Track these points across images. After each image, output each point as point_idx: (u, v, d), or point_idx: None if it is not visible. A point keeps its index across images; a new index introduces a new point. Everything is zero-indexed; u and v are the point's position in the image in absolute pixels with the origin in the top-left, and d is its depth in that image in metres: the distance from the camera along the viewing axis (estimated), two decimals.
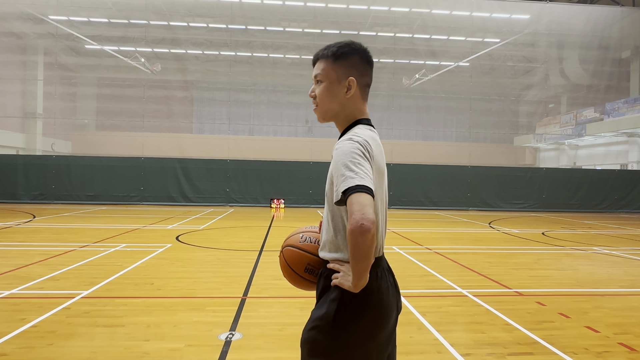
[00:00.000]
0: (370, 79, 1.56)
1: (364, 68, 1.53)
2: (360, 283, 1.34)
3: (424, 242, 8.71)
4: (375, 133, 1.53)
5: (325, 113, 1.55)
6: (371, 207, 1.25)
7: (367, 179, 1.30)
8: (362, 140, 1.40)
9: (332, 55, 1.50)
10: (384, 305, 1.43)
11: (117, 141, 20.68)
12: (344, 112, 1.53)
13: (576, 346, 3.38)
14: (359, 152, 1.36)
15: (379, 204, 1.46)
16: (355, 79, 1.50)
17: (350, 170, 1.31)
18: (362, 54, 1.52)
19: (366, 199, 1.26)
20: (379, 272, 1.45)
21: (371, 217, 1.23)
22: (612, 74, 21.73)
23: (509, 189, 18.46)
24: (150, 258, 6.49)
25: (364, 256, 1.27)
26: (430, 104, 24.33)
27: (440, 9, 19.34)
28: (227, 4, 18.79)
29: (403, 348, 3.28)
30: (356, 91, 1.51)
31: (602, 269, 6.53)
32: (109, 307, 4.09)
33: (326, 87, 1.51)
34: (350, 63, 1.50)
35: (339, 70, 1.50)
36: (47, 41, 20.09)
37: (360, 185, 1.27)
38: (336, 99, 1.51)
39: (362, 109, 1.55)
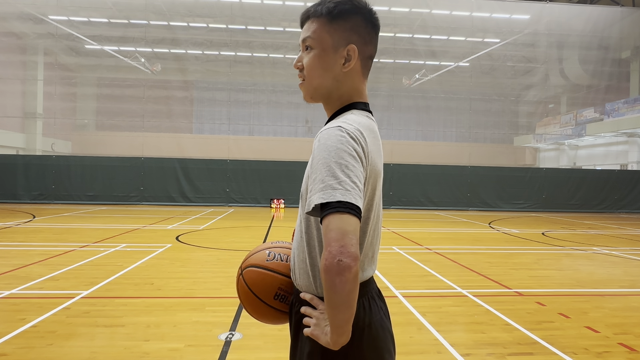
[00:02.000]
0: (375, 49, 1.20)
1: (367, 34, 1.16)
2: (340, 339, 0.98)
3: (423, 242, 8.71)
4: (373, 122, 1.17)
5: (314, 90, 1.16)
6: (355, 235, 0.91)
7: (355, 192, 0.94)
8: (355, 131, 1.02)
9: (328, 12, 1.11)
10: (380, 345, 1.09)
11: (117, 141, 20.68)
12: (338, 91, 1.16)
13: (576, 346, 3.38)
14: (349, 148, 0.99)
15: (372, 217, 1.11)
16: (357, 47, 1.13)
17: (334, 176, 0.95)
18: (368, 15, 1.16)
19: (349, 224, 0.91)
20: (366, 301, 1.11)
21: (353, 250, 0.90)
22: (612, 74, 21.73)
23: (509, 189, 18.46)
24: (150, 258, 6.49)
25: (343, 303, 0.92)
26: (430, 104, 24.33)
27: (440, 9, 19.34)
28: (227, 4, 18.79)
29: (403, 348, 3.28)
30: (357, 64, 1.15)
31: (602, 269, 6.53)
32: (108, 307, 4.09)
33: (318, 56, 1.13)
34: (351, 25, 1.13)
35: (336, 34, 1.12)
36: (47, 41, 20.09)
37: (344, 203, 0.92)
38: (330, 72, 1.13)
39: (360, 88, 1.17)
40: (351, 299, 0.93)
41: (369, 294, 1.13)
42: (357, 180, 0.97)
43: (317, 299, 1.09)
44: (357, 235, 0.92)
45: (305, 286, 1.13)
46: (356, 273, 0.91)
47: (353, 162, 0.97)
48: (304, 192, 1.09)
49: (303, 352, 1.12)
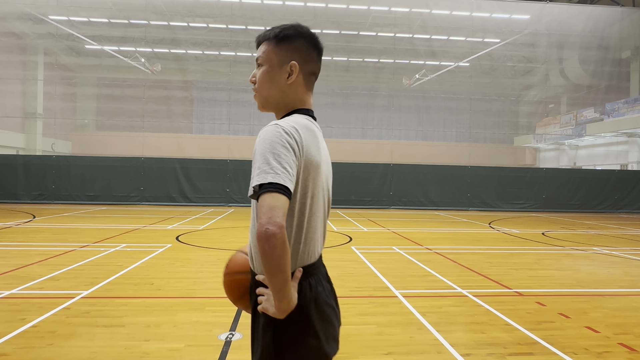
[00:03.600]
0: (317, 68, 1.42)
1: (309, 54, 1.37)
2: (283, 305, 1.15)
3: (424, 242, 8.71)
4: (312, 123, 1.36)
5: (264, 100, 1.39)
6: (282, 210, 1.09)
7: (285, 175, 1.13)
8: (289, 126, 1.22)
9: (275, 37, 1.35)
10: (326, 319, 1.27)
11: (117, 141, 20.69)
12: (284, 101, 1.38)
13: (576, 346, 3.38)
14: (282, 140, 1.18)
15: (310, 203, 1.27)
16: (298, 64, 1.35)
17: (267, 163, 1.14)
18: (309, 39, 1.37)
19: (277, 200, 1.09)
20: (313, 280, 1.28)
21: (279, 220, 1.07)
22: (612, 74, 21.73)
23: (509, 189, 18.46)
24: (150, 258, 6.49)
25: (275, 268, 1.09)
26: (430, 104, 24.33)
27: (440, 9, 19.34)
28: (227, 4, 18.80)
29: (403, 348, 3.29)
30: (298, 77, 1.37)
31: (602, 269, 6.53)
32: (109, 307, 4.09)
33: (266, 72, 1.36)
34: (294, 47, 1.35)
35: (281, 54, 1.35)
36: (47, 41, 20.10)
37: (273, 184, 1.11)
38: (276, 84, 1.36)
39: (304, 98, 1.39)
40: (282, 264, 1.09)
41: (315, 275, 1.30)
42: (288, 166, 1.15)
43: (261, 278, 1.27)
44: (285, 210, 1.11)
45: (259, 266, 1.29)
46: (282, 240, 1.08)
47: (285, 152, 1.17)
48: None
49: (259, 326, 1.26)
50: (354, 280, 5.40)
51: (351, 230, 10.53)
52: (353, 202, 17.88)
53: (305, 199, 1.25)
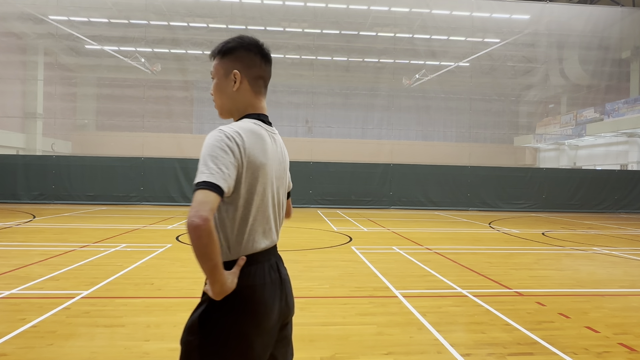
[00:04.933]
0: (263, 71, 1.53)
1: (250, 60, 1.50)
2: (215, 289, 1.28)
3: (424, 242, 8.71)
4: (260, 127, 1.47)
5: (220, 108, 1.54)
6: (208, 205, 1.22)
7: (218, 175, 1.27)
8: (231, 131, 1.35)
9: (219, 52, 1.51)
10: (259, 303, 1.37)
11: (117, 141, 20.69)
12: (235, 106, 1.52)
13: (576, 346, 3.38)
14: (221, 144, 1.32)
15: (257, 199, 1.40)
16: (240, 71, 1.48)
17: (206, 164, 1.29)
18: (248, 46, 1.50)
19: (206, 196, 1.23)
20: (255, 269, 1.40)
21: (203, 214, 1.19)
22: (612, 74, 21.73)
23: (509, 189, 18.45)
24: (150, 258, 6.49)
25: (202, 255, 1.22)
26: (430, 104, 24.33)
27: (440, 9, 19.35)
28: (227, 4, 18.80)
29: (403, 348, 3.29)
30: (244, 84, 1.50)
31: (602, 269, 6.53)
32: (109, 307, 4.09)
33: (216, 84, 1.52)
34: (235, 57, 1.49)
35: (225, 65, 1.50)
36: (47, 41, 20.10)
37: (205, 182, 1.25)
38: (225, 93, 1.51)
39: (253, 102, 1.52)
40: (208, 252, 1.22)
41: (259, 264, 1.42)
42: (224, 167, 1.29)
43: None
44: (212, 205, 1.23)
45: None
46: (207, 231, 1.19)
47: (222, 154, 1.30)
48: None
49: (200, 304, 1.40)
50: (354, 280, 5.40)
51: (351, 230, 10.53)
52: (353, 202, 17.88)
53: (249, 195, 1.39)
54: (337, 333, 3.55)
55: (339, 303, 4.44)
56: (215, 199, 1.24)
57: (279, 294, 1.46)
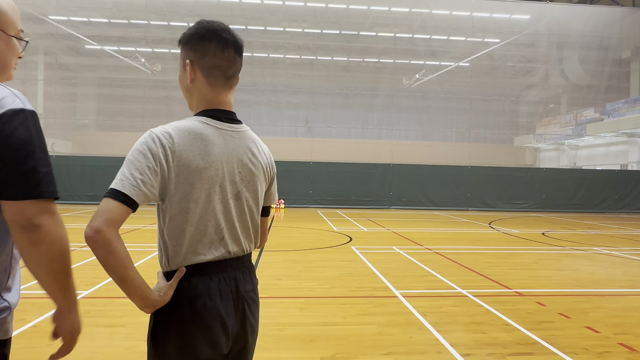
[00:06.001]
0: (219, 59, 1.32)
1: (203, 48, 1.31)
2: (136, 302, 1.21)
3: (424, 242, 8.71)
4: (205, 125, 1.29)
5: (188, 103, 1.41)
6: (104, 214, 1.11)
7: (127, 182, 1.15)
8: (161, 132, 1.23)
9: (179, 42, 1.37)
10: (199, 321, 1.24)
11: (117, 141, 20.62)
12: (192, 100, 1.37)
13: (576, 346, 3.38)
14: (143, 147, 1.20)
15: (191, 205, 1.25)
16: (193, 60, 1.32)
17: (121, 171, 1.19)
18: (202, 31, 1.31)
19: (106, 205, 1.13)
20: (197, 281, 1.26)
21: (95, 224, 1.09)
22: (612, 74, 21.74)
23: (509, 189, 18.45)
24: (150, 258, 6.49)
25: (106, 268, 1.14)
26: (430, 104, 24.33)
27: (440, 9, 19.35)
28: (227, 4, 18.81)
29: (403, 348, 3.29)
30: (198, 75, 1.32)
31: (602, 269, 6.53)
32: (109, 307, 4.10)
33: (179, 76, 1.40)
34: (189, 46, 1.33)
35: (182, 56, 1.36)
36: (48, 41, 20.09)
37: (110, 189, 1.15)
38: (184, 86, 1.38)
39: (209, 96, 1.34)
40: (109, 264, 1.13)
41: (203, 276, 1.27)
42: (137, 173, 1.17)
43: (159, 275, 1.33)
44: (110, 215, 1.12)
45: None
46: (100, 242, 1.10)
47: (140, 158, 1.18)
48: None
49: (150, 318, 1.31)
50: (354, 280, 5.40)
51: (351, 230, 10.53)
52: (353, 202, 17.88)
53: (184, 202, 1.25)
54: (337, 333, 3.55)
55: (339, 303, 4.44)
56: (117, 208, 1.13)
57: (232, 311, 1.30)
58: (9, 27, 1.15)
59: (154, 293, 1.22)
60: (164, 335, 1.25)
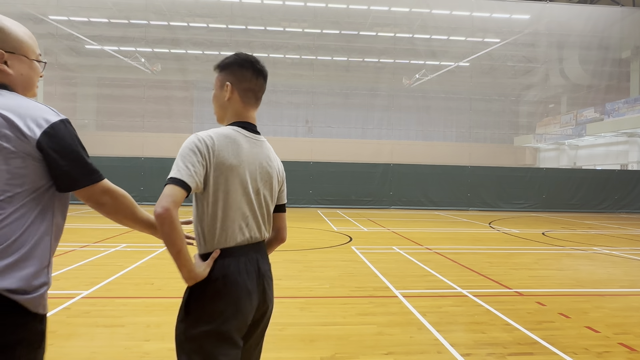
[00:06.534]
0: (253, 84, 1.68)
1: (242, 74, 1.67)
2: (183, 274, 1.45)
3: (424, 242, 8.71)
4: (237, 132, 1.62)
5: (216, 115, 1.74)
6: (171, 197, 1.38)
7: (184, 172, 1.43)
8: (205, 135, 1.53)
9: (218, 67, 1.71)
10: (234, 286, 1.50)
11: (117, 141, 20.68)
12: (225, 114, 1.70)
13: (576, 346, 3.38)
14: (191, 146, 1.49)
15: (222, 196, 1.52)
16: (232, 84, 1.66)
17: (176, 164, 1.46)
18: (241, 62, 1.67)
19: (170, 190, 1.39)
20: (229, 262, 1.52)
21: (165, 204, 1.36)
22: (612, 74, 21.72)
23: (509, 189, 18.45)
24: (151, 258, 6.49)
25: (166, 241, 1.39)
26: (430, 104, 24.33)
27: (440, 9, 19.34)
28: (227, 4, 18.80)
29: (403, 348, 3.29)
30: (234, 95, 1.67)
31: (603, 269, 6.53)
32: (109, 307, 4.10)
33: (214, 94, 1.73)
34: (229, 71, 1.68)
35: (221, 79, 1.69)
36: (47, 41, 20.08)
37: (171, 178, 1.42)
38: (219, 102, 1.71)
39: (241, 111, 1.69)
40: (171, 239, 1.38)
41: (233, 258, 1.54)
42: (190, 165, 1.45)
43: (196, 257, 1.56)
44: (175, 197, 1.39)
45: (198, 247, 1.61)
46: (168, 219, 1.36)
47: (190, 154, 1.47)
48: None
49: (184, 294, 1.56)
50: (354, 280, 5.40)
51: (351, 230, 10.53)
52: (353, 202, 17.88)
53: (218, 193, 1.52)
54: (337, 333, 3.55)
55: (339, 303, 4.44)
56: (179, 192, 1.40)
57: (256, 285, 1.57)
58: (29, 53, 1.45)
59: (198, 268, 1.47)
60: (198, 304, 1.49)
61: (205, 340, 1.46)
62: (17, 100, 1.30)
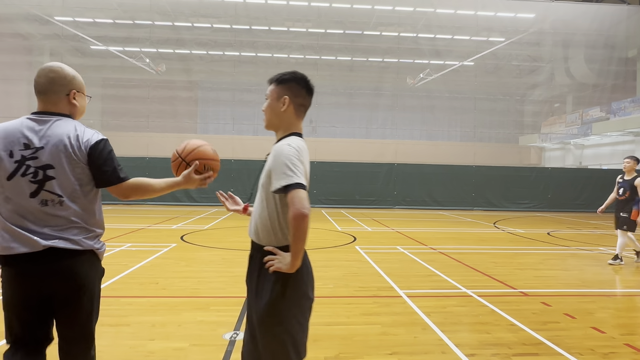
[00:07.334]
0: (306, 101, 1.99)
1: (298, 91, 1.96)
2: (297, 263, 1.73)
3: (428, 242, 8.69)
4: (305, 143, 1.93)
5: (268, 122, 2.00)
6: (307, 200, 1.70)
7: (303, 178, 1.73)
8: (297, 148, 1.82)
9: (276, 80, 1.98)
10: (309, 274, 1.90)
11: (122, 141, 20.69)
12: (281, 124, 1.96)
13: (582, 347, 3.36)
14: (296, 156, 1.77)
15: None
16: (289, 98, 1.93)
17: (290, 170, 1.72)
18: (298, 81, 1.97)
19: (304, 194, 1.70)
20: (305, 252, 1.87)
21: (307, 206, 1.68)
22: (618, 73, 21.55)
23: (514, 189, 18.36)
24: (155, 258, 6.52)
25: (303, 237, 1.69)
26: (434, 103, 24.25)
27: (444, 8, 19.26)
28: (232, 4, 18.83)
29: (407, 348, 3.28)
30: (290, 108, 1.94)
31: (608, 269, 6.49)
32: (114, 307, 4.12)
33: (269, 103, 1.98)
34: (287, 86, 1.95)
35: (279, 91, 1.95)
36: (53, 42, 20.21)
37: (299, 183, 1.70)
38: (274, 112, 1.96)
39: (295, 123, 1.97)
40: (306, 235, 1.71)
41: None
42: (302, 173, 1.76)
43: (276, 249, 1.83)
44: (306, 200, 1.70)
45: (267, 241, 1.87)
46: (307, 218, 1.68)
47: (298, 164, 1.77)
48: (265, 182, 1.88)
49: (267, 282, 1.83)
50: (358, 280, 5.40)
51: (355, 230, 10.52)
52: (357, 202, 17.86)
53: None
54: (341, 333, 3.55)
55: (343, 303, 4.44)
56: (305, 194, 1.72)
57: None
58: (84, 90, 2.21)
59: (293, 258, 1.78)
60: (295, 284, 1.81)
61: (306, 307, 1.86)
62: (77, 125, 1.97)
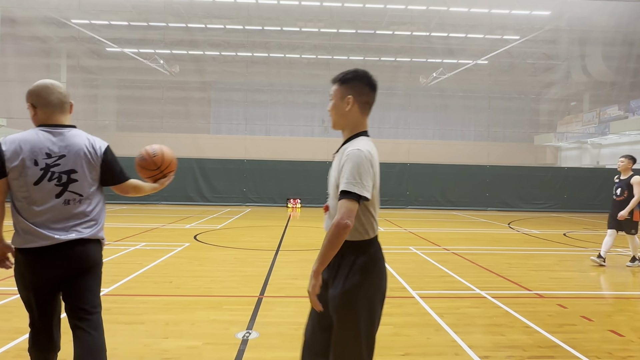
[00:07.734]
0: (370, 98, 1.96)
1: (362, 89, 1.94)
2: (321, 268, 1.78)
3: (441, 243, 8.62)
4: (372, 143, 1.93)
5: (334, 123, 2.01)
6: (354, 213, 1.72)
7: (362, 187, 1.73)
8: (368, 152, 1.81)
9: (339, 80, 1.97)
10: (383, 270, 1.94)
11: (136, 142, 20.83)
12: (346, 123, 1.96)
13: (599, 350, 3.30)
14: (368, 162, 1.78)
15: (376, 198, 1.90)
16: (353, 97, 1.92)
17: (354, 177, 1.73)
18: (362, 78, 1.95)
19: (353, 205, 1.72)
20: (377, 246, 1.93)
21: (349, 221, 1.70)
22: (637, 70, 21.06)
23: (529, 189, 18.10)
24: (169, 257, 6.59)
25: (337, 246, 1.72)
26: (447, 102, 24.03)
27: (458, 7, 19.05)
28: (244, 5, 18.92)
29: (420, 349, 3.26)
30: (354, 106, 1.93)
31: (626, 271, 6.36)
32: (129, 305, 4.18)
33: (334, 104, 1.98)
34: (351, 85, 1.93)
35: (343, 91, 1.94)
36: (70, 44, 20.58)
37: (354, 193, 1.71)
38: (339, 111, 1.96)
39: (361, 121, 1.97)
40: (340, 246, 1.74)
41: (377, 244, 1.94)
42: (365, 181, 1.76)
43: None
44: (355, 212, 1.74)
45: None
46: (347, 232, 1.71)
47: (366, 170, 1.77)
48: (333, 183, 1.89)
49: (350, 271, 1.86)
50: None
51: None
52: None
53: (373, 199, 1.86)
54: None
55: None
56: (356, 207, 1.73)
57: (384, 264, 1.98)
58: None
59: None
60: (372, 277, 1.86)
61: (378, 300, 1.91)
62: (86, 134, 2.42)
